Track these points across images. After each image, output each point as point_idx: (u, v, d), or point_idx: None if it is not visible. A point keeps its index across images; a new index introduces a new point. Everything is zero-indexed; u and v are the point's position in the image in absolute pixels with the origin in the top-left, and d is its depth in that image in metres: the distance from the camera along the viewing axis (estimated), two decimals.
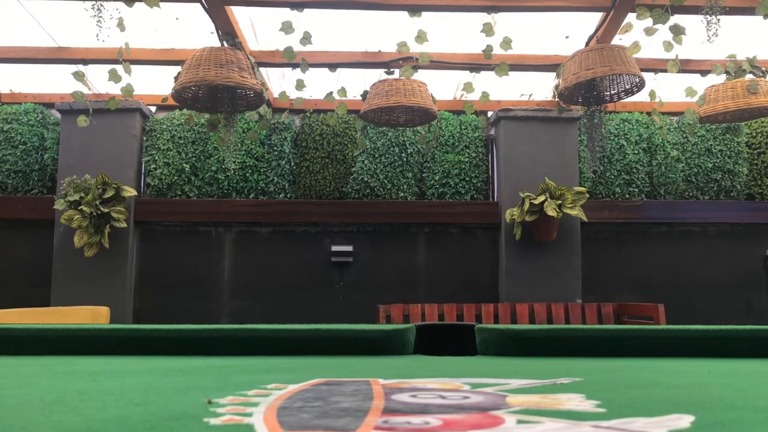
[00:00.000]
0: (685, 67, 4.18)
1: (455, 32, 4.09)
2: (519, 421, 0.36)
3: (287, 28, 3.51)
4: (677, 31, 3.38)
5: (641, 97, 4.44)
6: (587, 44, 3.74)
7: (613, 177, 4.79)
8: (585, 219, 4.41)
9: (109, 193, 4.27)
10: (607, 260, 4.81)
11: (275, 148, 4.71)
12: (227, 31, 3.69)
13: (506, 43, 3.71)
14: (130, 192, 4.36)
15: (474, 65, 4.20)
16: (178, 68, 3.60)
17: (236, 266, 4.66)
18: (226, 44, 3.61)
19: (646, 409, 0.42)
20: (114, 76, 3.85)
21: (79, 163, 4.52)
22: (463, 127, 4.79)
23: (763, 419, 0.39)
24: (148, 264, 4.63)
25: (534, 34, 4.06)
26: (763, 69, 3.92)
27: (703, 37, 3.21)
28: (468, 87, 4.19)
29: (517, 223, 4.46)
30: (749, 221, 4.82)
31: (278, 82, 4.81)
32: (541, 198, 4.30)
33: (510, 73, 3.93)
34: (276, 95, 4.43)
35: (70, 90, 4.63)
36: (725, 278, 4.82)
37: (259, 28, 4.10)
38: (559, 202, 4.31)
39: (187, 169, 4.65)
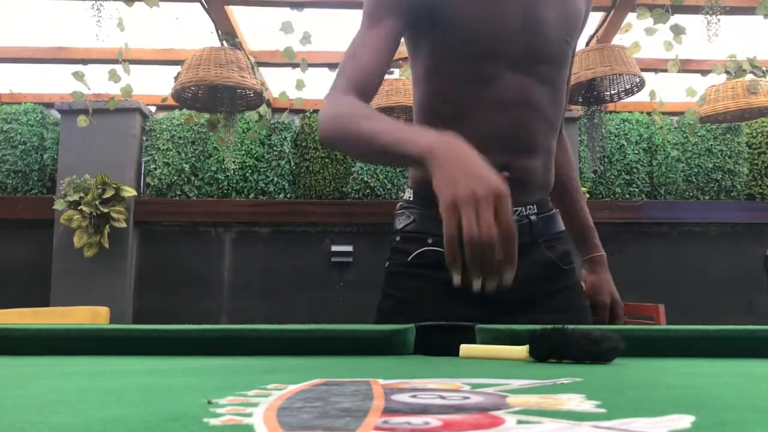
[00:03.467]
0: (686, 67, 4.17)
1: None
2: (519, 422, 0.36)
3: (287, 28, 3.51)
4: (677, 30, 3.38)
5: (641, 97, 4.44)
6: (587, 44, 3.74)
7: (613, 177, 4.78)
8: None
9: (109, 193, 4.27)
10: (607, 260, 4.80)
11: (275, 148, 4.71)
12: (227, 31, 3.69)
13: None
14: (129, 192, 4.36)
15: None
16: (177, 68, 3.60)
17: (236, 266, 4.66)
18: (225, 44, 3.61)
19: (646, 409, 0.42)
20: (114, 76, 3.85)
21: (79, 163, 4.51)
22: None
23: (763, 419, 0.39)
24: (148, 264, 4.63)
25: None
26: (764, 69, 3.93)
27: (704, 37, 3.21)
28: None
29: None
30: (749, 221, 4.82)
31: (278, 82, 4.80)
32: None
33: None
34: (276, 95, 4.43)
35: (69, 90, 4.62)
36: (726, 278, 4.82)
37: (259, 28, 4.10)
38: None
39: (186, 169, 4.65)
